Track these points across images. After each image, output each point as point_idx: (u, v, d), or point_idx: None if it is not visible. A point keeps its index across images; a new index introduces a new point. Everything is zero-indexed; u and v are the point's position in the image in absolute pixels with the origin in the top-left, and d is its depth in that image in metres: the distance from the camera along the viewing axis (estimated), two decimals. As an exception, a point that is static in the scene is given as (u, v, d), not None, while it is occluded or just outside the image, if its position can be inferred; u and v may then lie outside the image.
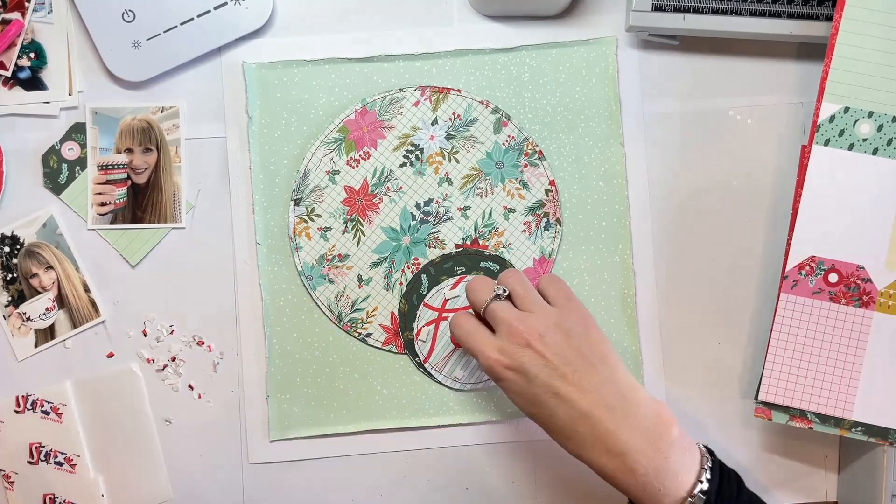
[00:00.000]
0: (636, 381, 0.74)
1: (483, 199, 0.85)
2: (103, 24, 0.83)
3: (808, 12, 0.81)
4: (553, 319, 0.73)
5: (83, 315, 0.85)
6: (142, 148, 0.85)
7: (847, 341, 0.78)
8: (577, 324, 0.74)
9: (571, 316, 0.74)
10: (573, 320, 0.74)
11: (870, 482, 0.80)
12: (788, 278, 0.78)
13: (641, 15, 0.81)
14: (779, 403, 0.78)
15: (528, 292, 0.76)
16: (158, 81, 0.86)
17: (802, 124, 0.86)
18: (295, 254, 0.85)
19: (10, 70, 0.85)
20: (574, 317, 0.74)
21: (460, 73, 0.85)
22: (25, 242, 0.85)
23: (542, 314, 0.74)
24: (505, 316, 0.74)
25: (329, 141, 0.84)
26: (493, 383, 0.85)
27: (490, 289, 0.76)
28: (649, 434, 0.70)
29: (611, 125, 0.85)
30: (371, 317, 0.85)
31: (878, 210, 0.77)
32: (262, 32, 0.85)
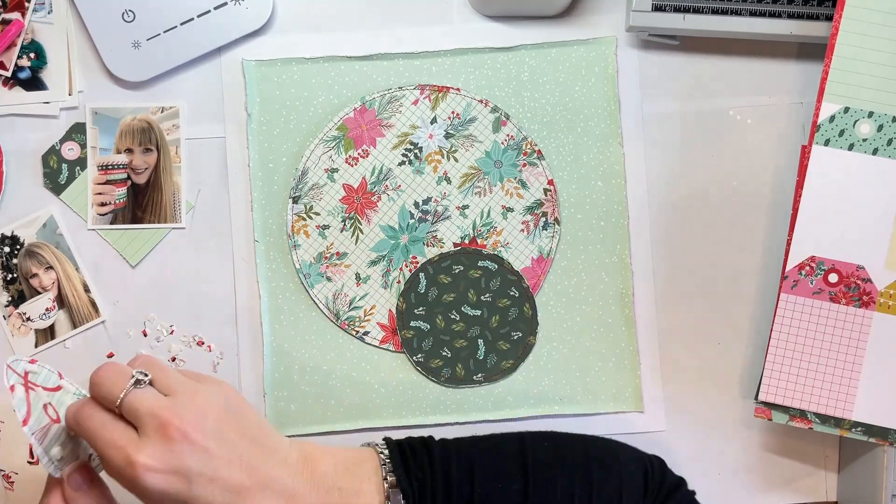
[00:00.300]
0: (275, 431, 0.68)
1: (482, 198, 0.85)
2: (103, 24, 0.84)
3: (808, 12, 0.81)
4: (204, 398, 0.63)
5: (83, 315, 0.85)
6: (142, 148, 0.85)
7: (847, 341, 0.77)
8: (228, 397, 0.65)
9: (220, 390, 0.65)
10: (224, 394, 0.65)
11: (870, 482, 0.80)
12: (788, 278, 0.78)
13: (641, 15, 0.81)
14: (779, 403, 0.78)
15: (166, 373, 0.65)
16: (158, 81, 0.86)
17: (802, 124, 0.86)
18: (293, 251, 0.85)
19: (10, 70, 0.85)
20: (223, 390, 0.66)
21: (460, 72, 0.85)
22: (25, 242, 0.85)
23: (190, 395, 0.63)
24: (150, 405, 0.61)
25: (328, 139, 0.85)
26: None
27: (126, 375, 0.63)
28: (309, 472, 0.66)
29: (610, 125, 0.85)
30: (369, 315, 0.85)
31: (878, 210, 0.77)
32: (261, 32, 0.85)
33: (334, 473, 0.67)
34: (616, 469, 0.72)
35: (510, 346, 0.84)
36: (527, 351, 0.85)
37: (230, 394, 0.66)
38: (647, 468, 0.73)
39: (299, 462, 0.66)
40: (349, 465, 0.68)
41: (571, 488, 0.70)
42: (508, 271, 0.85)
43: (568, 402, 0.85)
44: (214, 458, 0.62)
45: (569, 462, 0.71)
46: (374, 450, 0.70)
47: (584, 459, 0.72)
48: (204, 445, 0.61)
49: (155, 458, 0.60)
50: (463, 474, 0.69)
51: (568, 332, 0.85)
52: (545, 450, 0.72)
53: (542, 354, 0.85)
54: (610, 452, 0.74)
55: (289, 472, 0.65)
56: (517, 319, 0.85)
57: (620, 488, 0.71)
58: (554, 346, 0.85)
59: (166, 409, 0.61)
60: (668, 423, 0.85)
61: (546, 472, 0.70)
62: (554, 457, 0.71)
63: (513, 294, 0.85)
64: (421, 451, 0.70)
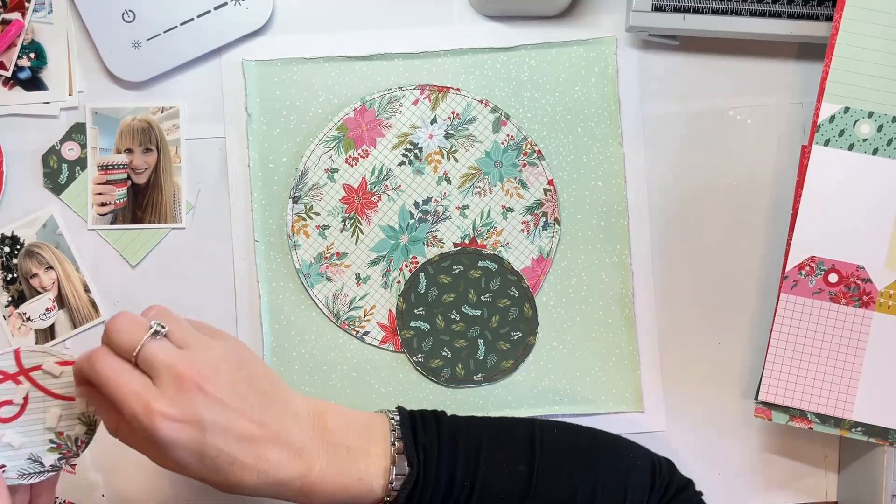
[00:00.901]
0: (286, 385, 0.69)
1: (482, 199, 0.85)
2: (103, 24, 0.84)
3: (808, 12, 0.81)
4: (218, 352, 0.65)
5: (83, 315, 0.85)
6: (142, 148, 0.85)
7: (847, 341, 0.77)
8: (240, 351, 0.67)
9: (232, 344, 0.67)
10: (236, 348, 0.67)
11: (870, 482, 0.80)
12: (788, 278, 0.78)
13: (641, 15, 0.81)
14: (779, 403, 0.78)
15: (181, 326, 0.66)
16: (158, 81, 0.86)
17: (802, 124, 0.86)
18: (293, 251, 0.85)
19: (10, 70, 0.85)
20: (234, 344, 0.67)
21: (459, 73, 0.85)
22: (25, 242, 0.85)
23: (204, 349, 0.65)
24: (167, 357, 0.63)
25: (328, 139, 0.85)
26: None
27: (142, 326, 0.64)
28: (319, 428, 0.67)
29: (610, 125, 0.85)
30: (369, 315, 0.85)
31: (878, 210, 0.77)
32: (261, 32, 0.85)
33: (344, 432, 0.67)
34: (624, 463, 0.72)
35: (510, 346, 0.84)
36: (527, 351, 0.85)
37: (242, 349, 0.68)
38: (656, 466, 0.73)
39: (310, 417, 0.67)
40: (359, 426, 0.69)
41: (577, 477, 0.70)
42: (508, 271, 0.85)
43: (568, 402, 0.85)
44: (228, 408, 0.63)
45: (577, 451, 0.71)
46: (385, 416, 0.70)
47: (593, 450, 0.72)
48: (218, 397, 0.63)
49: (171, 407, 0.61)
50: (470, 451, 0.69)
51: (568, 332, 0.85)
52: (554, 437, 0.72)
53: (542, 354, 0.85)
54: (619, 447, 0.74)
55: (299, 426, 0.66)
56: (517, 319, 0.85)
57: (626, 482, 0.71)
58: (554, 346, 0.85)
59: (182, 360, 0.63)
60: (668, 423, 0.85)
61: (553, 459, 0.70)
62: (562, 444, 0.71)
63: (513, 294, 0.85)
64: (431, 423, 0.70)
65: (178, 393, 0.62)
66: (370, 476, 0.67)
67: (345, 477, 0.66)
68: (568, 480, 0.70)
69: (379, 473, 0.67)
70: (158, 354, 0.63)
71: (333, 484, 0.66)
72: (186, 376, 0.62)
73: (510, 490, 0.69)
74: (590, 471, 0.71)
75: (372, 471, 0.67)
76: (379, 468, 0.67)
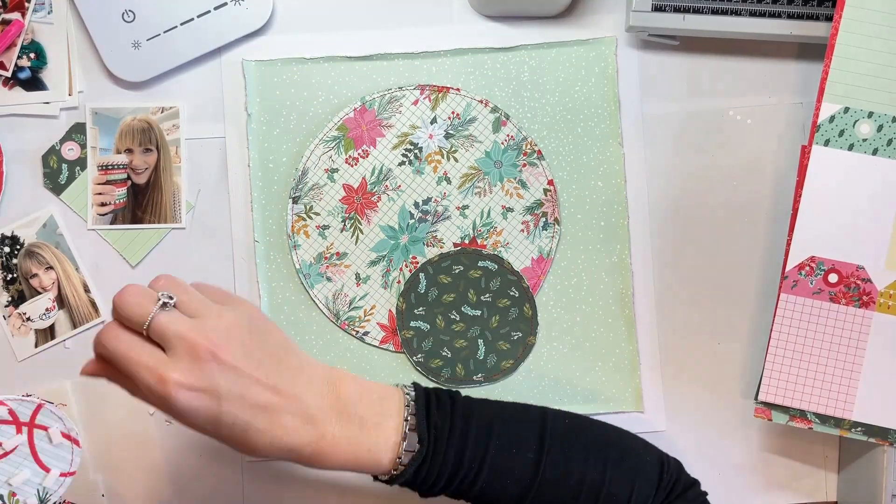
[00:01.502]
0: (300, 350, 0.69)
1: (481, 199, 0.85)
2: (103, 24, 0.84)
3: (808, 12, 0.81)
4: (230, 319, 0.65)
5: (83, 315, 0.85)
6: (142, 148, 0.85)
7: (847, 341, 0.77)
8: (252, 317, 0.67)
9: (244, 310, 0.67)
10: (248, 314, 0.66)
11: (870, 482, 0.80)
12: (788, 278, 0.78)
13: (641, 15, 0.81)
14: (779, 403, 0.78)
15: (190, 295, 0.66)
16: (158, 81, 0.86)
17: (802, 124, 0.86)
18: (293, 251, 0.85)
19: (10, 70, 0.85)
20: (246, 310, 0.67)
21: (459, 73, 0.85)
22: (25, 243, 0.85)
23: (216, 317, 0.65)
24: (178, 328, 0.63)
25: (328, 139, 0.85)
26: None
27: (151, 298, 0.64)
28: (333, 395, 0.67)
29: (610, 125, 0.85)
30: (369, 315, 0.85)
31: (878, 210, 0.77)
32: (261, 32, 0.85)
33: (358, 402, 0.67)
34: (633, 458, 0.72)
35: (510, 346, 0.85)
36: (527, 351, 0.85)
37: (255, 314, 0.67)
38: (664, 463, 0.73)
39: (325, 384, 0.67)
40: (374, 398, 0.68)
41: (585, 468, 0.70)
42: (508, 271, 0.85)
43: (568, 402, 0.85)
44: (243, 376, 0.63)
45: (587, 443, 0.72)
46: (401, 390, 0.70)
47: (603, 443, 0.72)
48: (233, 364, 0.63)
49: (186, 377, 0.62)
50: (481, 434, 0.69)
51: (568, 332, 0.85)
52: (565, 426, 0.72)
53: (542, 354, 0.85)
54: (629, 441, 0.74)
55: (312, 392, 0.66)
56: (517, 319, 0.85)
57: (634, 477, 0.71)
58: (554, 346, 0.85)
59: (194, 330, 0.63)
60: (668, 423, 0.85)
61: (562, 448, 0.70)
62: (573, 434, 0.72)
63: (513, 294, 0.85)
64: (446, 402, 0.70)
65: (192, 362, 0.62)
66: (379, 448, 0.67)
67: (355, 447, 0.67)
68: (577, 469, 0.70)
69: (389, 447, 0.67)
70: (170, 325, 0.63)
71: (343, 452, 0.66)
72: (200, 346, 0.62)
73: (518, 474, 0.69)
74: (599, 461, 0.71)
75: (382, 444, 0.67)
76: (389, 442, 0.67)
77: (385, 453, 0.67)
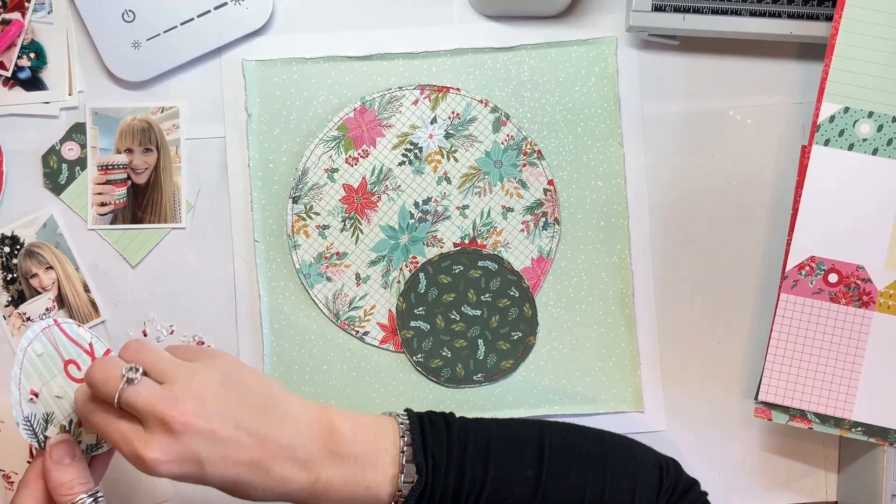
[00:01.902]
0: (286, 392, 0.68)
1: (481, 198, 0.85)
2: (103, 24, 0.84)
3: (808, 12, 0.81)
4: (201, 379, 0.63)
5: (83, 315, 0.85)
6: (142, 148, 0.85)
7: (847, 341, 0.77)
8: (227, 371, 0.65)
9: (217, 365, 0.65)
10: (221, 369, 0.65)
11: (870, 482, 0.80)
12: (788, 278, 0.78)
13: (641, 15, 0.81)
14: (779, 403, 0.78)
15: (159, 358, 0.65)
16: (158, 81, 0.86)
17: (802, 124, 0.86)
18: (293, 251, 0.85)
19: (10, 70, 0.85)
20: (220, 363, 0.66)
21: (459, 72, 0.85)
22: (25, 242, 0.85)
23: (185, 379, 0.63)
24: (147, 401, 0.62)
25: (328, 139, 0.85)
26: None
27: (116, 372, 0.63)
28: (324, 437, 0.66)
29: (610, 125, 0.85)
30: (369, 315, 0.85)
31: (878, 210, 0.77)
32: (261, 32, 0.85)
33: (352, 441, 0.67)
34: (631, 465, 0.72)
35: (510, 346, 0.84)
36: (527, 351, 0.85)
37: (229, 366, 0.66)
38: (663, 467, 0.73)
39: (314, 427, 0.66)
40: (367, 433, 0.68)
41: (585, 479, 0.70)
42: (508, 271, 0.85)
43: (568, 402, 0.85)
44: (220, 438, 0.62)
45: (585, 454, 0.71)
46: (394, 420, 0.70)
47: (601, 452, 0.72)
48: (209, 429, 0.62)
49: (163, 451, 0.61)
50: (478, 455, 0.69)
51: (568, 332, 0.85)
52: (562, 439, 0.72)
53: (542, 354, 0.85)
54: (627, 448, 0.74)
55: (301, 439, 0.65)
56: (517, 319, 0.85)
57: (634, 484, 0.71)
58: (554, 346, 0.85)
59: (164, 400, 0.62)
60: (668, 423, 0.85)
61: (561, 462, 0.70)
62: (570, 447, 0.71)
63: (513, 294, 0.85)
64: (440, 426, 0.70)
65: (165, 436, 0.61)
66: (378, 484, 0.67)
67: (352, 486, 0.66)
68: (576, 483, 0.70)
69: (387, 481, 0.67)
70: (139, 398, 0.62)
71: (341, 493, 0.66)
72: (170, 418, 0.61)
73: (519, 493, 0.69)
74: (598, 473, 0.71)
75: (380, 479, 0.67)
76: (387, 476, 0.67)
77: (384, 487, 0.67)
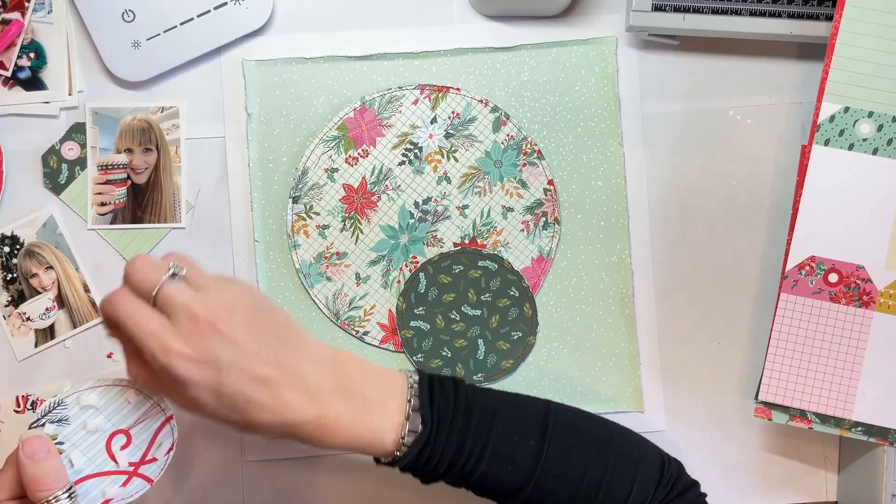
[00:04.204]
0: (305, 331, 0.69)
1: (482, 198, 0.85)
2: (103, 24, 0.84)
3: (808, 12, 0.81)
4: (234, 293, 0.65)
5: (83, 315, 0.85)
6: (142, 148, 0.85)
7: (847, 341, 0.77)
8: (257, 295, 0.67)
9: (250, 288, 0.68)
10: (253, 292, 0.67)
11: (870, 482, 0.80)
12: (788, 278, 0.78)
13: (641, 15, 0.81)
14: (779, 403, 0.78)
15: (198, 270, 0.67)
16: (158, 81, 0.86)
17: (802, 124, 0.86)
18: (293, 251, 0.85)
19: (10, 70, 0.85)
20: (252, 289, 0.68)
21: (459, 72, 0.85)
22: (25, 242, 0.85)
23: (220, 290, 0.65)
24: (183, 298, 0.63)
25: (328, 139, 0.85)
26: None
27: (161, 269, 0.65)
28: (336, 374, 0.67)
29: (610, 125, 0.85)
30: (369, 315, 0.85)
31: (878, 210, 0.77)
32: (261, 32, 0.85)
33: (362, 381, 0.68)
34: (635, 453, 0.72)
35: (510, 346, 0.85)
36: (527, 351, 0.85)
37: (260, 294, 0.68)
38: (665, 463, 0.73)
39: (328, 362, 0.67)
40: (378, 378, 0.69)
41: (586, 461, 0.70)
42: (508, 271, 0.85)
43: (568, 401, 0.84)
44: (242, 349, 0.63)
45: (589, 437, 0.72)
46: (405, 374, 0.70)
47: (606, 438, 0.72)
48: (233, 337, 0.63)
49: (188, 347, 0.62)
50: (483, 420, 0.70)
51: (568, 332, 0.85)
52: (569, 418, 0.72)
53: (542, 354, 0.85)
54: (632, 438, 0.74)
55: (315, 369, 0.66)
56: (517, 319, 0.85)
57: (636, 472, 0.71)
58: (554, 346, 0.85)
59: (197, 301, 0.63)
60: (668, 423, 0.85)
61: (565, 439, 0.71)
62: (576, 427, 0.72)
63: (513, 294, 0.85)
64: (449, 387, 0.70)
65: (193, 333, 0.62)
66: (383, 428, 0.67)
67: (358, 425, 0.67)
68: (578, 461, 0.70)
69: (392, 427, 0.67)
70: (175, 295, 0.63)
71: (346, 430, 0.67)
72: (201, 316, 0.62)
73: (519, 463, 0.69)
74: (600, 455, 0.71)
75: (385, 424, 0.67)
76: (392, 422, 0.67)
77: (388, 433, 0.67)
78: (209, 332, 0.62)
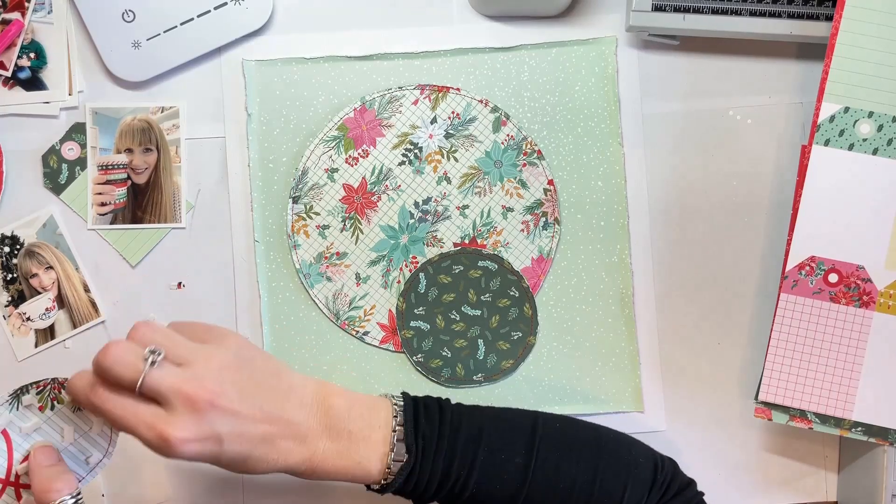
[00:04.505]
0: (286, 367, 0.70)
1: (482, 198, 0.85)
2: (103, 24, 0.84)
3: (808, 12, 0.81)
4: (219, 360, 0.65)
5: (83, 315, 0.85)
6: (142, 148, 0.85)
7: (847, 341, 0.77)
8: (238, 350, 0.67)
9: (229, 344, 0.67)
10: (233, 348, 0.67)
11: (870, 482, 0.80)
12: (788, 278, 0.78)
13: (641, 15, 0.81)
14: (779, 403, 0.78)
15: (175, 342, 0.65)
16: (158, 81, 0.86)
17: (802, 124, 0.86)
18: (293, 251, 0.85)
19: (10, 70, 0.85)
20: (231, 342, 0.67)
21: (459, 72, 0.85)
22: (25, 242, 0.85)
23: (205, 360, 0.64)
24: (172, 383, 0.62)
25: (328, 139, 0.85)
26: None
27: (137, 354, 0.63)
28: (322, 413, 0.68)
29: (610, 125, 0.85)
30: (369, 315, 0.85)
31: (878, 210, 0.77)
32: (261, 32, 0.85)
33: (347, 416, 0.69)
34: (625, 459, 0.73)
35: (510, 346, 0.84)
36: (527, 351, 0.85)
37: (240, 345, 0.68)
38: (658, 465, 0.73)
39: (313, 402, 0.69)
40: (363, 410, 0.70)
41: (576, 470, 0.71)
42: (508, 271, 0.85)
43: (568, 401, 0.85)
44: (240, 416, 0.64)
45: (578, 445, 0.72)
46: (389, 400, 0.72)
47: (594, 445, 0.73)
48: (231, 408, 0.64)
49: (188, 430, 0.62)
50: (469, 440, 0.71)
51: (568, 332, 0.85)
52: (556, 430, 0.73)
53: (542, 354, 0.85)
54: (622, 443, 0.74)
55: (304, 414, 0.68)
56: (517, 319, 0.85)
57: (627, 477, 0.71)
58: (554, 346, 0.85)
59: (188, 382, 0.63)
60: (668, 423, 0.85)
61: (553, 451, 0.71)
62: (563, 437, 0.72)
63: (513, 294, 0.85)
64: (434, 410, 0.71)
65: (192, 415, 0.63)
66: (369, 459, 0.69)
67: (345, 460, 0.68)
68: (567, 471, 0.71)
69: (377, 458, 0.69)
70: (163, 381, 0.63)
71: (334, 466, 0.68)
72: (198, 397, 0.63)
73: (508, 478, 0.70)
74: (590, 464, 0.71)
75: (371, 455, 0.69)
76: (378, 452, 0.69)
77: (374, 464, 0.69)
78: (208, 411, 0.63)
